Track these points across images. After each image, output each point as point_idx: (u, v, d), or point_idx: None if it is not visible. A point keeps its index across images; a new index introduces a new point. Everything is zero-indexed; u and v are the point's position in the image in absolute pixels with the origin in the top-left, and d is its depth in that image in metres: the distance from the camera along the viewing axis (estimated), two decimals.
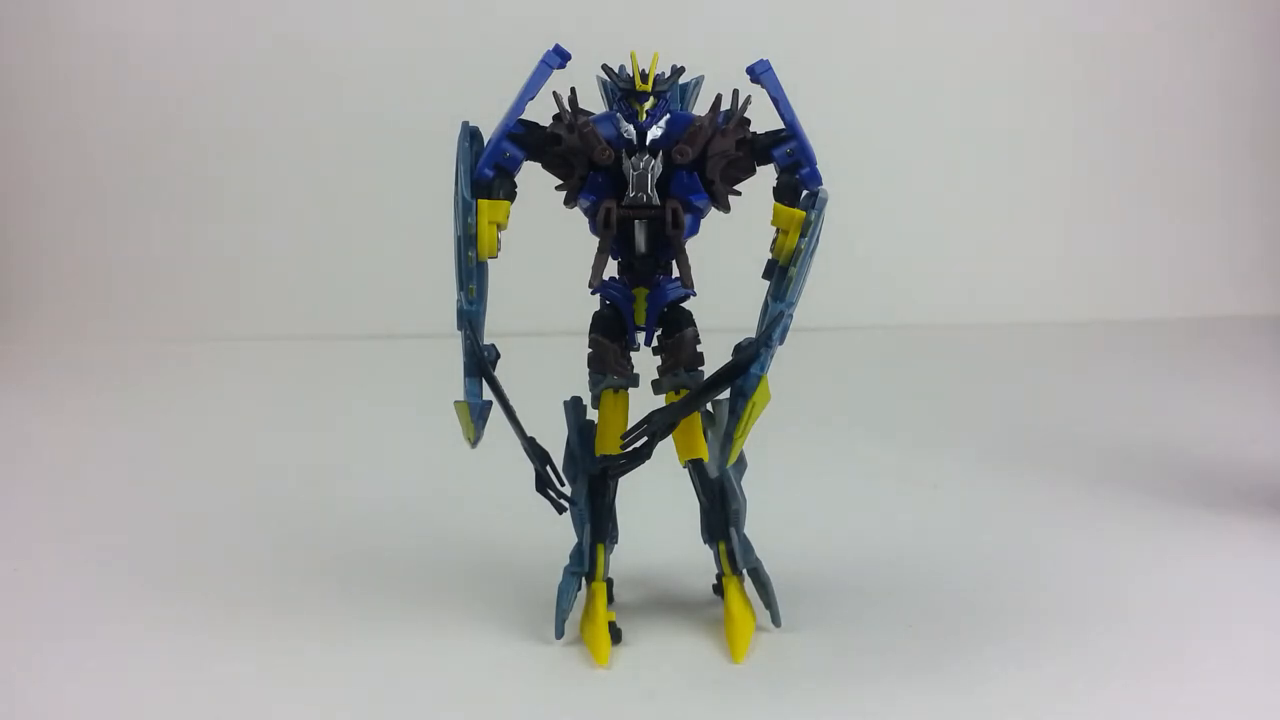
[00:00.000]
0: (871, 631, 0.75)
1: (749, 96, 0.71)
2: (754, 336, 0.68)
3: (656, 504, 0.86)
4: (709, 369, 0.71)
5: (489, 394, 0.70)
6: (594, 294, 0.74)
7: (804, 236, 0.68)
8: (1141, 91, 2.04)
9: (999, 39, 2.01)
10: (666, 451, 0.72)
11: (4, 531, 0.99)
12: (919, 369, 1.66)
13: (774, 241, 0.69)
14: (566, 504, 0.73)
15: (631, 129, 0.70)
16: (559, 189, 0.73)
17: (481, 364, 0.69)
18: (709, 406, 0.73)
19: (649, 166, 0.70)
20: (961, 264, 1.98)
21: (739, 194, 0.73)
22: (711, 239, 0.76)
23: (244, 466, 1.17)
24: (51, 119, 1.99)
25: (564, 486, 0.73)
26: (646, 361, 0.75)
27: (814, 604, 0.78)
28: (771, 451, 0.88)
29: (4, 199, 2.01)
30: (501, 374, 0.70)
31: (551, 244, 1.03)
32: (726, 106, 0.71)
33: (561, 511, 0.73)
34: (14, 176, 2.01)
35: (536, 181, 0.73)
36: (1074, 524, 0.97)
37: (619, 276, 0.74)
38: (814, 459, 1.18)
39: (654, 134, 0.70)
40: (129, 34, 1.97)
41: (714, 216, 0.73)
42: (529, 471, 0.71)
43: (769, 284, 0.70)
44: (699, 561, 0.79)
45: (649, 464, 0.70)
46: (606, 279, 0.73)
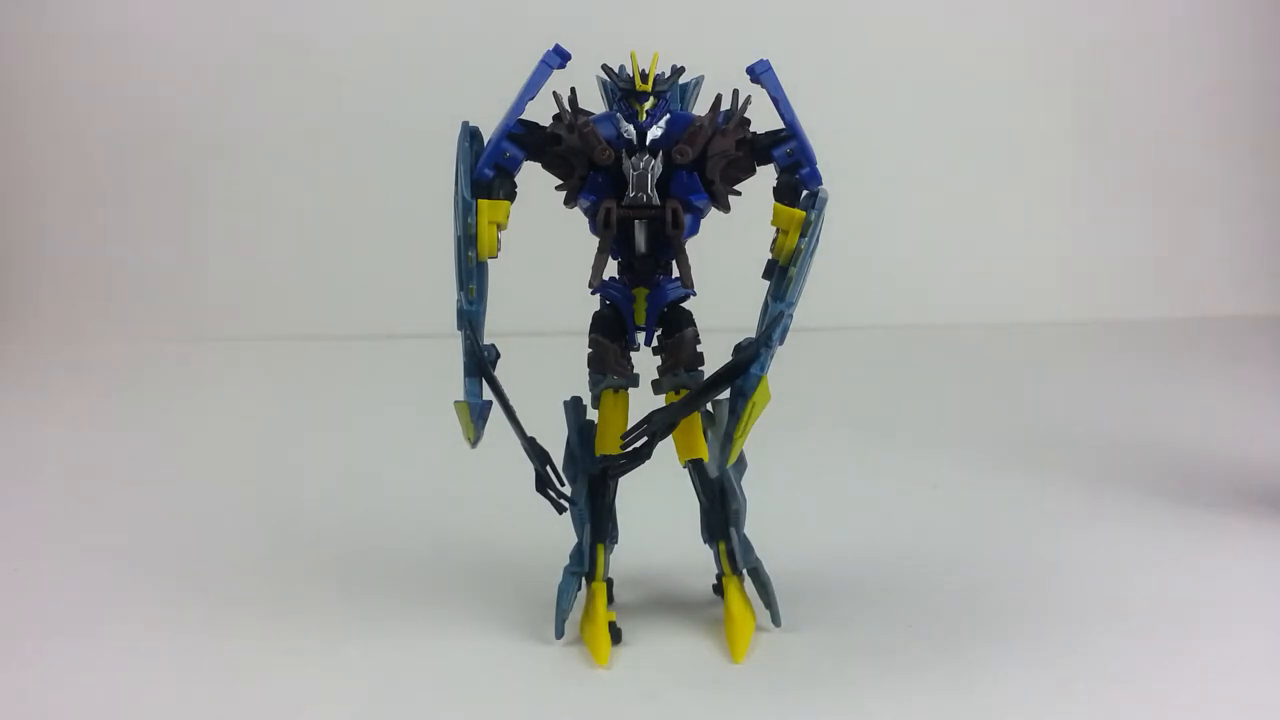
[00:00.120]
0: (871, 631, 0.75)
1: (749, 96, 0.71)
2: (754, 336, 0.68)
3: (656, 504, 0.86)
4: (709, 369, 0.71)
5: (489, 394, 0.70)
6: (594, 294, 0.74)
7: (804, 236, 0.68)
8: (1141, 92, 2.04)
9: (999, 39, 2.01)
10: (666, 451, 0.72)
11: (4, 531, 0.99)
12: (919, 369, 1.65)
13: (774, 241, 0.69)
14: (566, 504, 0.73)
15: (631, 129, 0.70)
16: (559, 189, 0.73)
17: (481, 364, 0.69)
18: (709, 406, 0.73)
19: (649, 166, 0.70)
20: (961, 264, 1.98)
21: (739, 194, 0.73)
22: (711, 239, 0.76)
23: (244, 466, 1.17)
24: (51, 119, 1.99)
25: (564, 486, 0.73)
26: (646, 361, 0.75)
27: (814, 604, 0.78)
28: (771, 451, 0.88)
29: (4, 199, 2.01)
30: (501, 374, 0.70)
31: (551, 244, 1.03)
32: (726, 106, 0.71)
33: (561, 511, 0.73)
34: (14, 176, 2.01)
35: (536, 181, 0.73)
36: (1074, 524, 0.97)
37: (619, 276, 0.74)
38: (814, 459, 1.18)
39: (654, 134, 0.70)
40: (129, 34, 1.97)
41: (714, 216, 0.73)
42: (529, 471, 0.71)
43: (769, 284, 0.70)
44: (699, 561, 0.79)
45: (649, 464, 0.70)
46: (606, 279, 0.73)
